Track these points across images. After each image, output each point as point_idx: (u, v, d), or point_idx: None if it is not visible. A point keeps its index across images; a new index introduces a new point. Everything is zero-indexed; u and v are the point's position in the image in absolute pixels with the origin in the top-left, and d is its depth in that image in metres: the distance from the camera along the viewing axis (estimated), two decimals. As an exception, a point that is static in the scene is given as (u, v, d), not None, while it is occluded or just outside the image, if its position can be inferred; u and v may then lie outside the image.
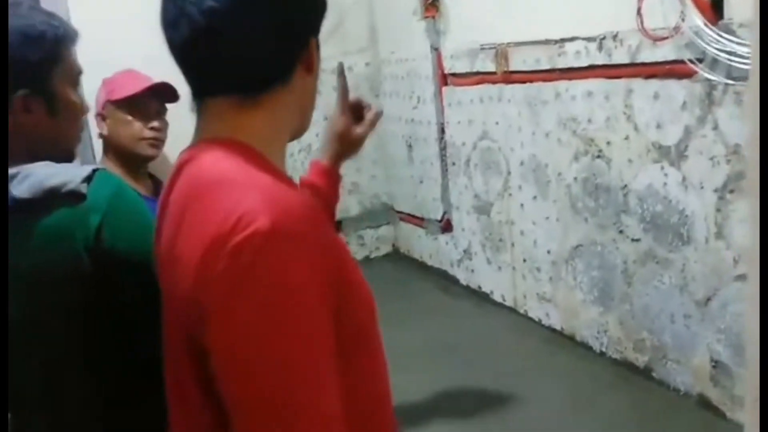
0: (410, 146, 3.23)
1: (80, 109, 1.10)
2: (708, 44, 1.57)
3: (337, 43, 3.11)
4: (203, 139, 0.84)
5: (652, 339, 1.99)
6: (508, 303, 2.67)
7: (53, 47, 1.02)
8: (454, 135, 2.86)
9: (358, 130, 1.24)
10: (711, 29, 1.56)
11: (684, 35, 1.66)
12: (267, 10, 0.81)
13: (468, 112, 2.73)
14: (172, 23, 0.81)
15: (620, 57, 1.95)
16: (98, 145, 2.25)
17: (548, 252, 2.39)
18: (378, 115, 1.24)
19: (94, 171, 1.00)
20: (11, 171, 0.97)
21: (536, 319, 2.51)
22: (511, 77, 2.44)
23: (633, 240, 2.00)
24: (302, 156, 3.15)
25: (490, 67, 2.53)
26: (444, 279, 3.07)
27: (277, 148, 0.87)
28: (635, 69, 1.91)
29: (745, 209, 1.59)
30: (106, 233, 0.96)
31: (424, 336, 2.50)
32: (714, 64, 1.59)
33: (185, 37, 0.80)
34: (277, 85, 0.84)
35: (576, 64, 2.13)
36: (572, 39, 2.12)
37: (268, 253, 0.69)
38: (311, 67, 0.88)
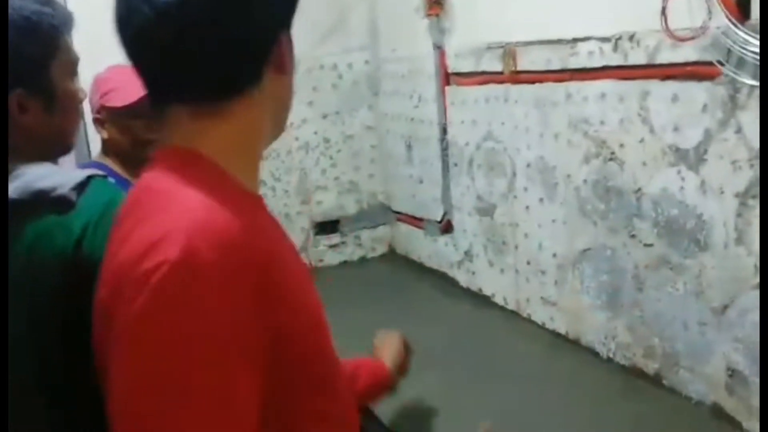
0: (410, 146, 3.18)
1: (79, 99, 1.04)
2: (734, 44, 1.54)
3: (337, 40, 3.04)
4: (160, 150, 0.77)
5: (664, 346, 1.95)
6: (511, 306, 2.62)
7: (49, 39, 0.94)
8: (457, 135, 2.81)
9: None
10: (739, 29, 1.52)
11: (707, 36, 1.63)
12: (223, 3, 0.69)
13: (472, 112, 2.68)
14: (124, 20, 0.73)
15: (637, 58, 1.91)
16: (92, 135, 2.17)
17: (554, 255, 2.34)
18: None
19: (89, 177, 0.93)
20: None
21: (540, 323, 2.47)
22: (518, 77, 2.40)
23: (645, 245, 1.96)
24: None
25: (497, 66, 2.49)
26: (443, 281, 3.02)
27: (245, 161, 0.78)
28: (652, 70, 1.87)
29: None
30: (86, 243, 0.90)
31: (422, 339, 2.42)
32: (740, 64, 1.56)
33: (134, 34, 0.72)
34: (241, 92, 0.75)
35: (589, 65, 2.08)
36: (586, 39, 2.08)
37: (173, 288, 0.63)
38: (283, 66, 0.79)
